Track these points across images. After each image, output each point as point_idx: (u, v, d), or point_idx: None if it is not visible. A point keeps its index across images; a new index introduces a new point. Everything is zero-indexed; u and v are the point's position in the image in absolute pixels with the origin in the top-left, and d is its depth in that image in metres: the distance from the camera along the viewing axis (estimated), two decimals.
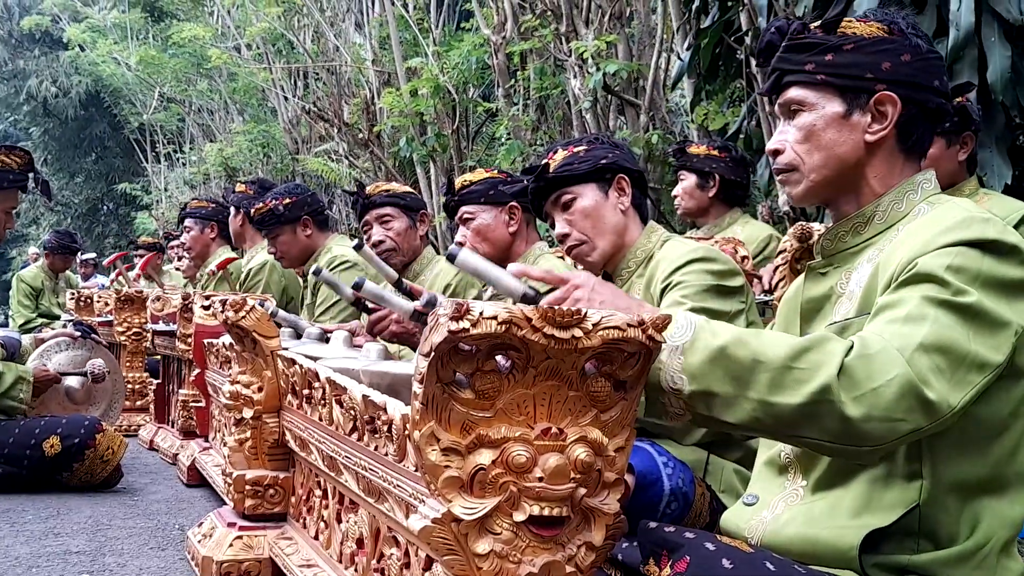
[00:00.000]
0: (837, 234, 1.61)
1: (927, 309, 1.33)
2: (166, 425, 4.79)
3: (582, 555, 1.37)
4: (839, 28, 1.57)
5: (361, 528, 2.00)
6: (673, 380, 1.36)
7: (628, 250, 2.36)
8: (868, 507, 1.41)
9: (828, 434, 1.30)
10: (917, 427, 1.28)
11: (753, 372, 1.31)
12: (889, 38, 1.56)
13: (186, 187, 14.00)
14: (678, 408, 1.38)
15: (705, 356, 1.34)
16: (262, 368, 2.57)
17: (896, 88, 1.54)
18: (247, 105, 12.32)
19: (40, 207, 18.92)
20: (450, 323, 1.23)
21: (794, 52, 1.59)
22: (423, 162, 7.78)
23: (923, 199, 1.56)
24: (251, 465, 2.61)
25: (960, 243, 1.37)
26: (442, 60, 7.37)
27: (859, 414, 1.27)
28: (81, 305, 6.27)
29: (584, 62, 5.78)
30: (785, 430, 1.35)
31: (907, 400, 1.27)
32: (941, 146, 2.94)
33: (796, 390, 1.29)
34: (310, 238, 4.14)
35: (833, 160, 1.57)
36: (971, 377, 1.31)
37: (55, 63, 18.39)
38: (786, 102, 1.60)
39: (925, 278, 1.36)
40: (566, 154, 2.37)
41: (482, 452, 1.31)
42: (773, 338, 1.35)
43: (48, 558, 2.68)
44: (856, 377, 1.27)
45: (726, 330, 1.36)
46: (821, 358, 1.29)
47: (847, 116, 1.56)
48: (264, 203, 4.09)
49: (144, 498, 3.59)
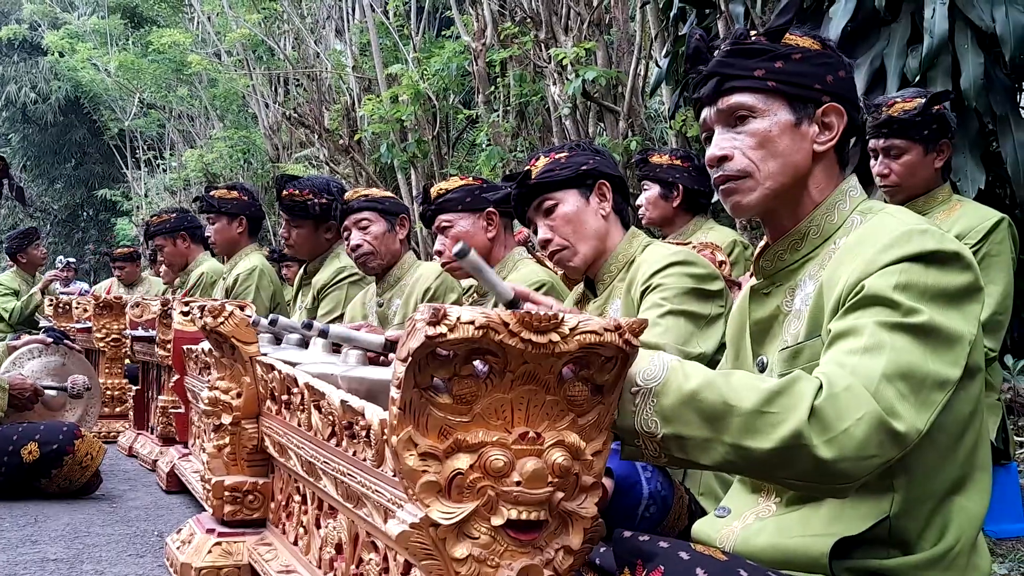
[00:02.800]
0: (775, 253, 1.62)
1: (883, 336, 1.34)
2: (145, 431, 4.77)
3: (560, 559, 1.37)
4: (782, 36, 1.58)
5: (340, 533, 2.00)
6: (647, 424, 1.36)
7: (610, 255, 2.38)
8: (839, 518, 1.43)
9: (802, 475, 1.31)
10: (889, 459, 1.30)
11: (725, 416, 1.32)
12: (826, 52, 1.59)
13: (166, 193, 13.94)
14: (653, 451, 1.38)
15: (677, 400, 1.34)
16: (241, 374, 2.56)
17: (838, 101, 1.58)
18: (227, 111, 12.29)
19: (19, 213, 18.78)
20: (427, 328, 1.24)
21: (740, 57, 1.59)
22: (404, 168, 7.79)
23: (852, 208, 1.57)
24: (230, 471, 2.60)
25: (903, 259, 1.39)
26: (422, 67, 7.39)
27: (831, 456, 1.28)
28: (59, 311, 6.23)
29: (563, 69, 5.80)
30: (759, 472, 1.37)
31: (878, 436, 1.28)
32: (919, 153, 2.97)
33: (768, 435, 1.30)
34: (328, 241, 4.15)
35: (789, 168, 1.57)
36: (934, 397, 1.33)
37: (34, 69, 18.28)
38: (731, 107, 1.59)
39: (874, 301, 1.37)
40: (548, 160, 2.39)
41: (460, 457, 1.31)
42: (744, 381, 1.35)
43: (25, 566, 2.66)
44: (826, 419, 1.28)
45: (698, 372, 1.36)
46: (791, 402, 1.30)
47: (798, 125, 1.57)
48: (301, 193, 4.07)
49: (123, 505, 3.57)
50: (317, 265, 4.17)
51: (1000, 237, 2.92)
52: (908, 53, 3.81)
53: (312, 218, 4.07)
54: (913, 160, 2.98)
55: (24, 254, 7.78)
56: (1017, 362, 3.87)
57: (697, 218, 3.80)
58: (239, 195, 4.78)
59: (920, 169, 2.99)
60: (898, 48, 3.83)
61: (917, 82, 3.72)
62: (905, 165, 2.99)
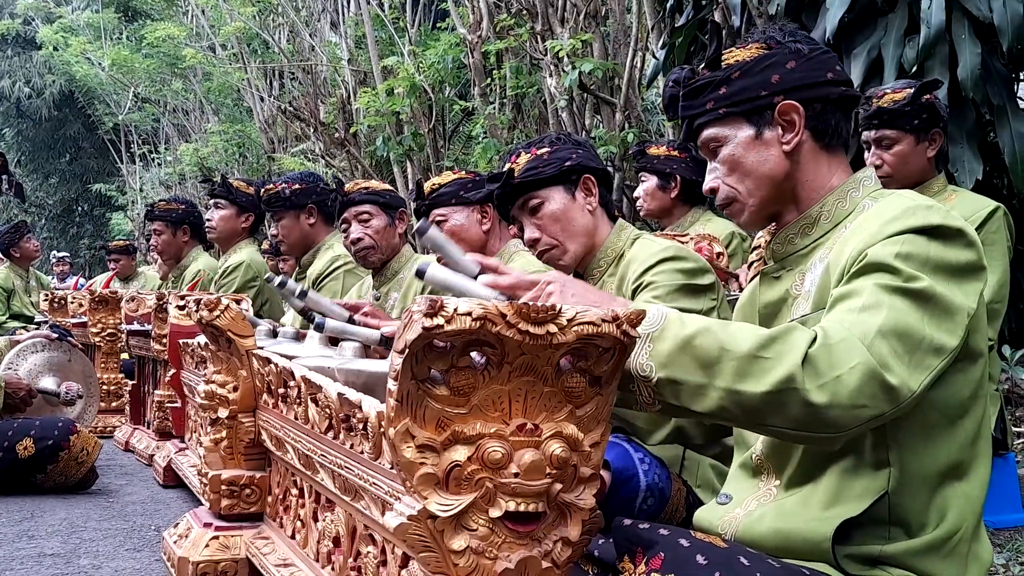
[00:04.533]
0: (786, 237, 1.65)
1: (882, 297, 1.36)
2: (142, 426, 4.76)
3: (558, 550, 1.37)
4: (722, 62, 1.64)
5: (338, 526, 1.99)
6: (642, 367, 1.37)
7: (599, 250, 2.36)
8: (839, 498, 1.43)
9: (793, 422, 1.33)
10: (880, 412, 1.31)
11: (720, 361, 1.33)
12: (769, 53, 1.62)
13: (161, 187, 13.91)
14: (646, 396, 1.39)
15: (673, 344, 1.36)
16: (237, 367, 2.55)
17: (792, 95, 1.60)
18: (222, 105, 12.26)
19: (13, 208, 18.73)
20: (424, 320, 1.23)
21: (692, 98, 1.67)
22: (400, 161, 7.77)
23: (865, 195, 1.59)
24: (227, 465, 2.60)
25: (907, 231, 1.41)
26: (418, 59, 7.37)
27: (823, 401, 1.29)
28: (55, 306, 6.21)
29: (560, 61, 5.79)
30: (751, 418, 1.37)
31: (870, 386, 1.29)
32: (910, 143, 2.97)
33: (761, 379, 1.31)
34: (313, 227, 4.13)
35: (763, 180, 1.62)
36: (929, 360, 1.34)
37: (28, 63, 18.22)
38: (703, 143, 1.68)
39: (877, 267, 1.39)
40: (530, 157, 2.35)
41: (457, 449, 1.31)
42: (740, 328, 1.37)
43: (22, 561, 2.65)
44: (819, 366, 1.30)
45: (695, 321, 1.38)
46: (786, 348, 1.32)
47: (759, 136, 1.62)
48: (274, 185, 4.11)
49: (120, 499, 3.56)
50: (311, 258, 4.16)
51: (996, 226, 2.93)
52: (905, 43, 3.80)
53: (290, 206, 4.07)
54: (905, 150, 2.99)
55: (16, 248, 7.75)
56: (1015, 352, 3.87)
57: (695, 209, 3.80)
58: (255, 192, 4.78)
59: (912, 159, 3.00)
60: (895, 38, 3.82)
61: (914, 72, 3.72)
62: (897, 155, 2.99)
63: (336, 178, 3.99)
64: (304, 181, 4.13)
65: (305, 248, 4.17)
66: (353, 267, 3.95)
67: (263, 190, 4.15)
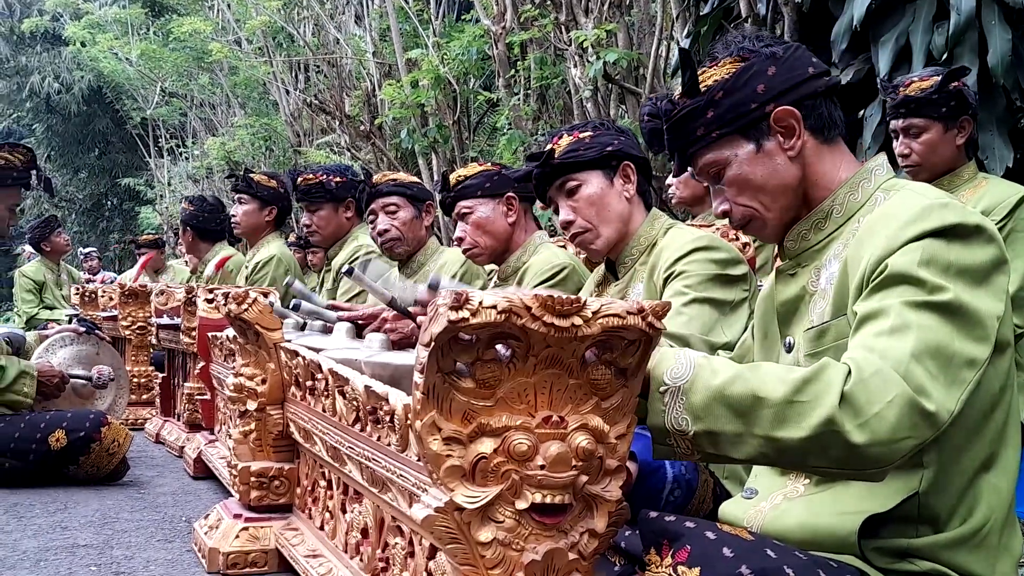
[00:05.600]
0: (799, 233, 1.62)
1: (910, 316, 1.33)
2: (172, 418, 4.81)
3: (585, 542, 1.37)
4: (699, 86, 1.60)
5: (365, 518, 2.01)
6: (677, 422, 1.36)
7: (631, 238, 2.36)
8: (868, 496, 1.42)
9: (836, 462, 1.31)
10: (922, 440, 1.29)
11: (755, 409, 1.31)
12: (747, 64, 1.59)
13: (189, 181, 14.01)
14: (685, 448, 1.38)
15: (706, 396, 1.34)
16: (265, 360, 2.58)
17: (782, 99, 1.57)
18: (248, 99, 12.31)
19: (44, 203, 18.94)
20: (450, 313, 1.23)
21: (679, 128, 1.63)
22: (425, 153, 7.78)
23: (877, 186, 1.56)
24: (256, 457, 2.62)
25: (925, 234, 1.38)
26: (442, 51, 7.37)
27: (864, 440, 1.27)
28: (86, 300, 6.28)
29: (584, 51, 5.77)
30: (792, 461, 1.36)
31: (910, 418, 1.27)
32: (939, 131, 2.94)
33: (799, 424, 1.29)
34: (349, 221, 4.16)
35: (778, 191, 1.60)
36: (963, 375, 1.32)
37: (57, 59, 18.37)
38: (703, 169, 1.64)
39: (899, 280, 1.37)
40: (571, 140, 2.35)
41: (483, 441, 1.31)
42: (772, 372, 1.35)
43: (56, 552, 2.69)
44: (857, 404, 1.27)
45: (725, 368, 1.36)
46: (821, 388, 1.29)
47: (760, 149, 1.59)
48: (314, 175, 4.11)
49: (151, 491, 3.60)
50: (337, 249, 4.19)
51: None
52: (934, 30, 3.75)
53: (331, 198, 4.09)
54: (933, 138, 2.95)
55: (47, 242, 7.86)
56: None
57: None
58: (277, 185, 4.81)
59: (941, 147, 2.96)
60: (923, 25, 3.77)
61: (944, 60, 3.67)
62: (925, 144, 2.96)
63: (364, 169, 4.00)
64: (344, 174, 4.15)
65: (336, 240, 4.20)
66: (376, 257, 3.96)
67: (300, 179, 4.14)
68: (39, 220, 8.27)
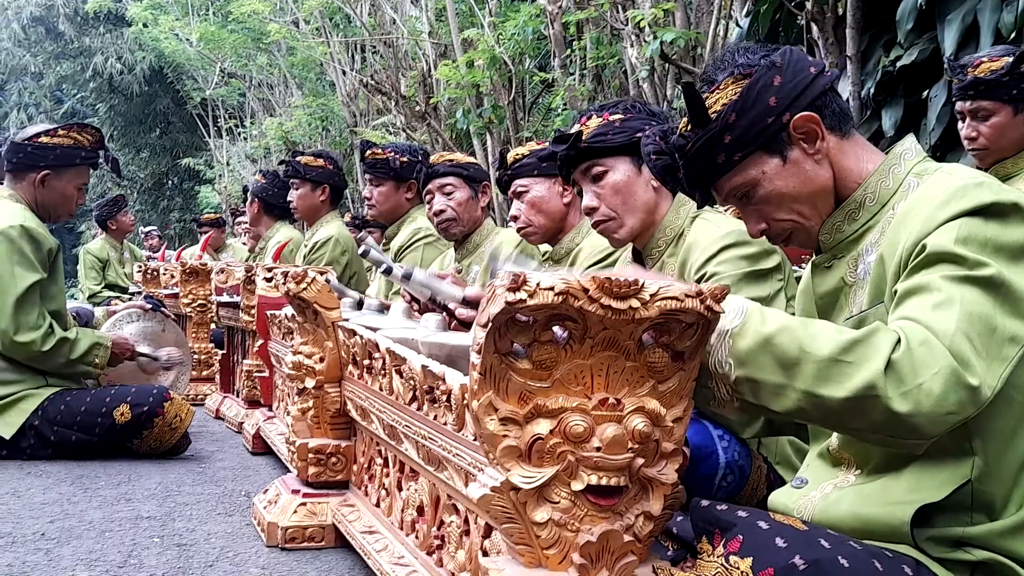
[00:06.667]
0: (833, 226, 1.60)
1: (953, 290, 1.32)
2: (231, 394, 4.90)
3: (640, 524, 1.38)
4: (708, 114, 1.57)
5: (421, 496, 2.03)
6: (720, 364, 1.36)
7: (657, 228, 2.30)
8: (920, 486, 1.41)
9: (874, 426, 1.30)
10: (964, 415, 1.28)
11: (800, 362, 1.31)
12: (752, 80, 1.56)
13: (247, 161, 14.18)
14: (724, 394, 1.38)
15: (753, 342, 1.34)
16: (323, 339, 2.61)
17: (796, 107, 1.55)
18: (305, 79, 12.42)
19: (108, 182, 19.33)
20: (507, 294, 1.24)
21: (698, 160, 1.60)
22: (479, 134, 7.79)
23: (908, 171, 1.54)
24: (314, 434, 2.66)
25: (961, 214, 1.37)
26: (498, 31, 7.35)
27: (906, 409, 1.26)
28: (148, 278, 6.42)
29: (641, 31, 5.71)
30: (830, 421, 1.36)
31: (954, 392, 1.26)
32: (1008, 114, 2.88)
33: (842, 383, 1.29)
34: (409, 201, 4.21)
35: (814, 196, 1.58)
36: (1006, 351, 1.31)
37: (119, 40, 18.68)
38: (729, 194, 1.62)
39: (939, 258, 1.35)
40: (600, 122, 2.28)
41: (539, 422, 1.32)
42: (822, 329, 1.34)
43: (120, 523, 2.76)
44: (902, 373, 1.27)
45: (776, 318, 1.36)
46: (869, 351, 1.29)
47: (786, 161, 1.57)
48: (382, 150, 4.17)
49: (211, 465, 3.68)
50: (395, 229, 4.23)
51: None
52: (1003, 7, 3.66)
53: (393, 176, 4.13)
54: (1002, 122, 2.89)
55: (114, 221, 8.05)
56: None
57: None
58: (324, 163, 4.85)
59: (1009, 131, 2.90)
60: (991, 3, 3.68)
61: (1012, 38, 3.58)
62: (994, 127, 2.90)
63: (423, 149, 4.02)
64: (411, 153, 4.18)
65: (393, 218, 4.23)
66: (433, 240, 3.99)
67: (368, 152, 4.18)
68: (106, 199, 8.47)
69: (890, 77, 4.18)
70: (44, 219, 3.78)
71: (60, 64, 20.10)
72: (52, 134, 3.74)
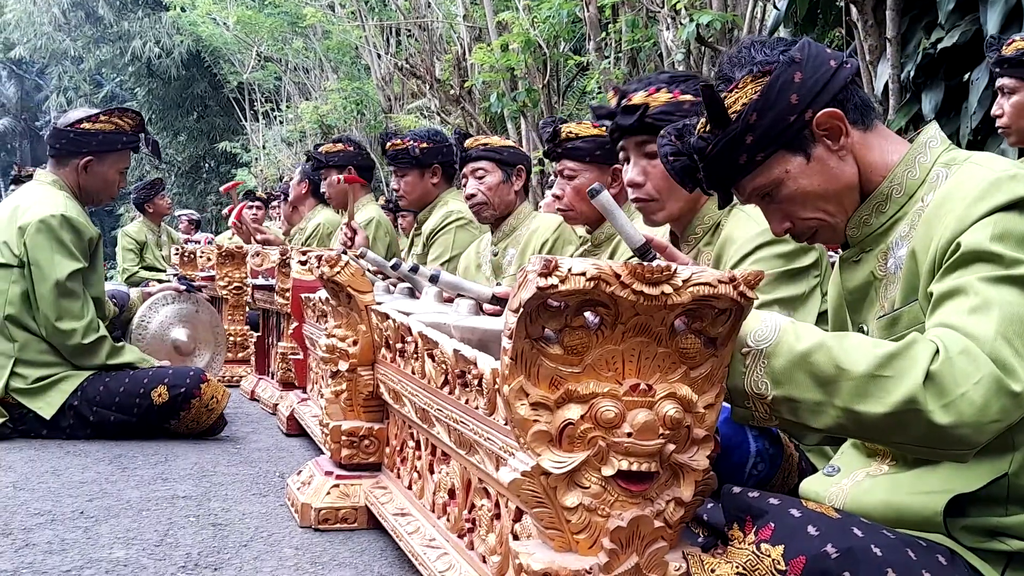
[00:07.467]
0: (860, 219, 1.57)
1: (990, 292, 1.29)
2: (266, 376, 4.95)
3: (671, 510, 1.37)
4: (728, 114, 1.52)
5: (453, 479, 2.04)
6: (757, 385, 1.34)
7: (696, 215, 2.28)
8: (956, 476, 1.39)
9: (918, 440, 1.28)
10: (1009, 422, 1.26)
11: (837, 380, 1.29)
12: (772, 78, 1.51)
13: (283, 144, 14.27)
14: (763, 413, 1.36)
15: (788, 361, 1.32)
16: (357, 322, 2.62)
17: (818, 103, 1.50)
18: (341, 63, 12.46)
19: (146, 165, 19.54)
20: (539, 279, 1.24)
21: (720, 162, 1.56)
22: (514, 117, 7.78)
23: (934, 160, 1.51)
24: (347, 416, 2.68)
25: (995, 210, 1.33)
26: (533, 14, 7.32)
27: (949, 421, 1.24)
28: (185, 260, 6.49)
29: (677, 13, 5.67)
30: (872, 435, 1.34)
31: (996, 401, 1.24)
32: None
33: (882, 399, 1.26)
34: (435, 186, 4.23)
35: (840, 193, 1.55)
36: None
37: (157, 24, 18.86)
38: (752, 194, 1.58)
39: (975, 257, 1.32)
40: (669, 98, 2.21)
41: (571, 407, 1.32)
42: (858, 343, 1.31)
43: (157, 502, 2.80)
44: (943, 384, 1.24)
45: (810, 334, 1.33)
46: (907, 365, 1.26)
47: (810, 159, 1.53)
48: (401, 140, 4.20)
49: (246, 446, 3.72)
50: (427, 214, 4.25)
51: None
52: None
53: (416, 164, 4.15)
54: (1022, 101, 2.84)
55: (151, 204, 8.15)
56: None
57: None
58: (344, 146, 4.91)
59: None
60: None
61: None
62: (1015, 106, 2.86)
63: (458, 132, 4.04)
64: (432, 139, 4.20)
65: (424, 205, 4.25)
66: (466, 223, 4.00)
67: (388, 144, 4.22)
68: (144, 182, 8.58)
69: (931, 59, 4.11)
70: (86, 203, 3.83)
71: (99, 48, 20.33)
72: (94, 120, 3.78)
